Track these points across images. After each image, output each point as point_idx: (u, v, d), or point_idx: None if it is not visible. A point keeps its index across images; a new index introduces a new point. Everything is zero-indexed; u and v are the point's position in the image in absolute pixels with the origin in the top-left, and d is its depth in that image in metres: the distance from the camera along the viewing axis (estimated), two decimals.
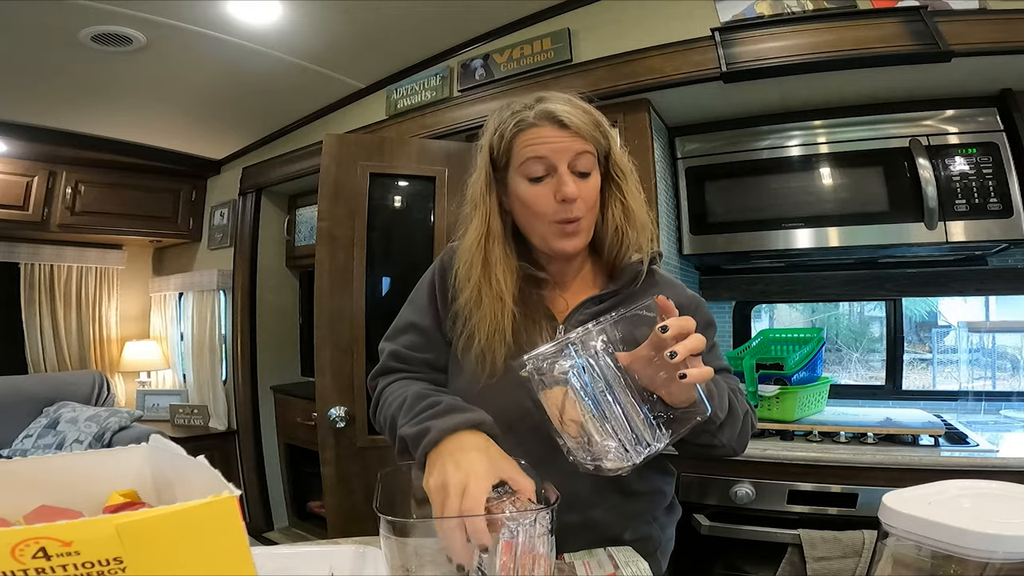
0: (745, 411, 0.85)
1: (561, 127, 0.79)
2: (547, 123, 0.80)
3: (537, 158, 0.80)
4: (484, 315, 0.82)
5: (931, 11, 1.53)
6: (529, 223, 0.84)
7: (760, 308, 2.35)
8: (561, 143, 0.79)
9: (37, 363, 3.33)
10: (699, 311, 0.92)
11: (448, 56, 2.23)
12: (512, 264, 0.85)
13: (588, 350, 0.66)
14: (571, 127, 0.79)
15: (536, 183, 0.81)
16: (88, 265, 3.54)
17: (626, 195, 0.87)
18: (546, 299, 0.89)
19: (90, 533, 0.30)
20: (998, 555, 0.47)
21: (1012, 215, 1.58)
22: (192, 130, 3.01)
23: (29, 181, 3.04)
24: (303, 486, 3.01)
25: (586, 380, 0.65)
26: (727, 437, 0.81)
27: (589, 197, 0.82)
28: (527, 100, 0.83)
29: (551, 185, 0.80)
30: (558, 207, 0.80)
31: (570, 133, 0.80)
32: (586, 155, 0.81)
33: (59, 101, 2.55)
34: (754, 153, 1.85)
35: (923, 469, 1.34)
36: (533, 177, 0.81)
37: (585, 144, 0.80)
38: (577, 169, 0.81)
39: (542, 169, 0.80)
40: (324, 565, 0.65)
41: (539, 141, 0.80)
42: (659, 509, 0.92)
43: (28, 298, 3.34)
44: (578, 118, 0.80)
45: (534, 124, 0.80)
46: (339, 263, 1.87)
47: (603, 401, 0.65)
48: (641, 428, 0.65)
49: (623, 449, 0.64)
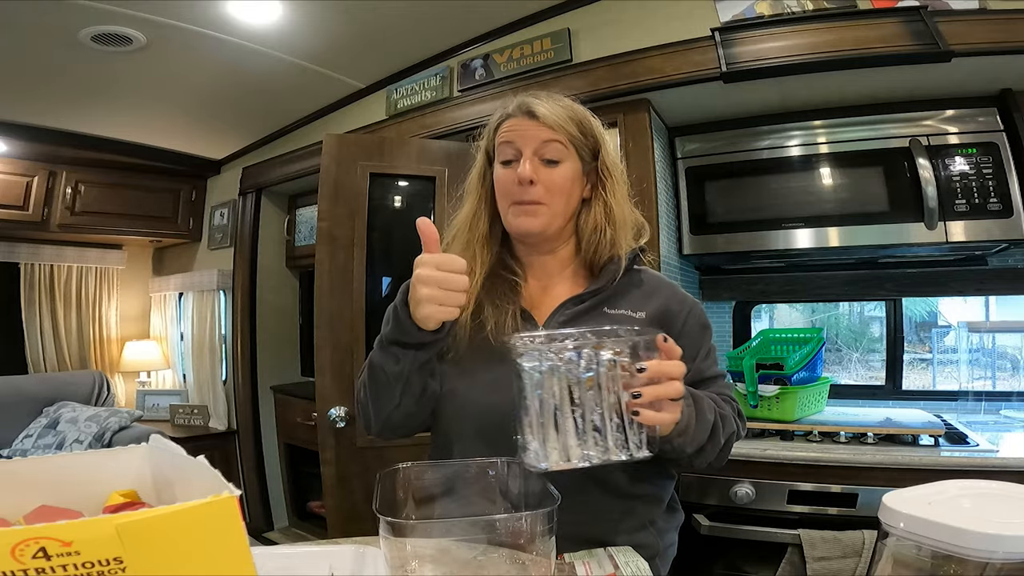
0: (731, 432, 0.84)
1: (531, 117, 0.87)
2: (520, 114, 0.88)
3: (507, 143, 0.88)
4: None
5: (931, 11, 1.53)
6: (500, 204, 0.91)
7: (760, 308, 2.35)
8: (528, 131, 0.87)
9: (37, 363, 3.33)
10: (692, 314, 0.91)
11: (448, 56, 2.23)
12: (491, 246, 0.93)
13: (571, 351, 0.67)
14: (539, 117, 0.86)
15: (506, 166, 0.89)
16: (88, 265, 3.54)
17: (609, 194, 0.90)
18: (529, 297, 0.92)
19: (90, 533, 0.30)
20: (998, 555, 0.47)
21: (1012, 215, 1.58)
22: (192, 130, 3.01)
23: (29, 181, 3.04)
24: (303, 486, 3.01)
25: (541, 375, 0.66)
26: (700, 462, 0.82)
27: (552, 183, 0.87)
28: (519, 98, 0.90)
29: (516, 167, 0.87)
30: (518, 189, 0.86)
31: (538, 123, 0.86)
32: (553, 144, 0.86)
33: (59, 101, 2.55)
34: (754, 153, 1.85)
35: (923, 469, 1.34)
36: (504, 160, 0.89)
37: (552, 133, 0.86)
38: (544, 156, 0.87)
39: (511, 153, 0.88)
40: (324, 565, 0.65)
41: (511, 129, 0.88)
42: (656, 514, 0.90)
43: (28, 298, 3.34)
44: (549, 110, 0.86)
45: (511, 115, 0.89)
46: (339, 263, 1.87)
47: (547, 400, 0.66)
48: (575, 440, 0.67)
49: (542, 452, 0.66)
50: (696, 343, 0.90)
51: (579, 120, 0.89)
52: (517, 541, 0.60)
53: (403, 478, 0.74)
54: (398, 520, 0.59)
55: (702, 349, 0.91)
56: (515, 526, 0.60)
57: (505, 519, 0.62)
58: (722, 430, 0.81)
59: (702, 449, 0.79)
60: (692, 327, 0.91)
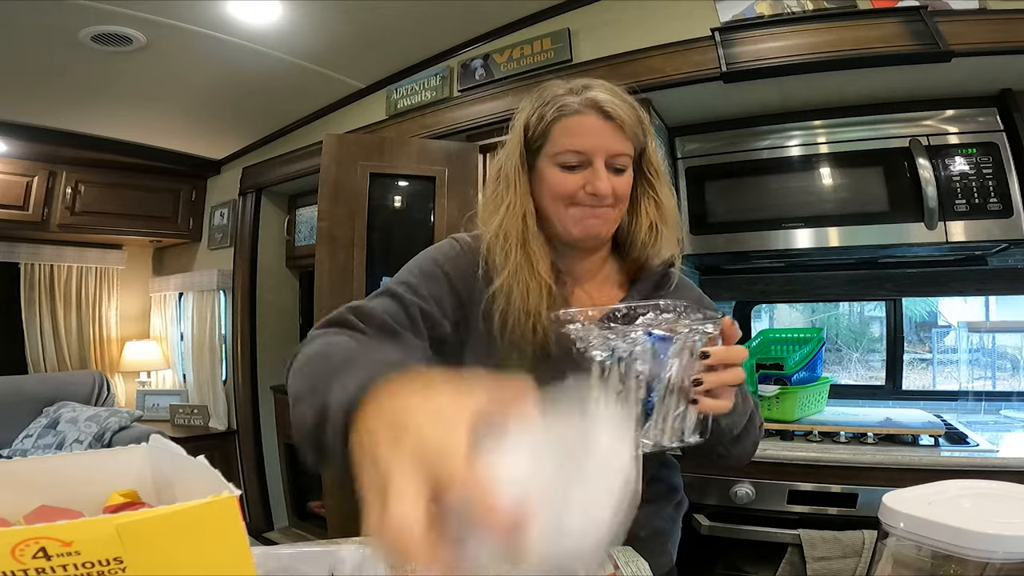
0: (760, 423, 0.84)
1: (606, 118, 0.76)
2: (592, 112, 0.76)
3: (575, 151, 0.77)
4: (522, 292, 0.78)
5: (931, 11, 1.53)
6: (553, 207, 0.81)
7: (760, 308, 2.35)
8: (602, 139, 0.77)
9: (37, 363, 3.33)
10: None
11: (448, 56, 2.23)
12: (545, 245, 0.82)
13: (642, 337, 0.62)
14: (615, 119, 0.76)
15: (568, 170, 0.78)
16: (88, 265, 3.54)
17: (659, 193, 0.84)
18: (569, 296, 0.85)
19: (90, 533, 0.30)
20: (998, 555, 0.47)
21: (1012, 215, 1.58)
22: (192, 130, 3.01)
23: (29, 181, 3.04)
24: (303, 486, 3.01)
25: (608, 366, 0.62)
26: (738, 451, 0.81)
27: (620, 191, 0.79)
28: (572, 84, 0.80)
29: (584, 176, 0.77)
30: (586, 197, 0.78)
31: (613, 126, 0.76)
32: (624, 156, 0.78)
33: (59, 101, 2.55)
34: (754, 153, 1.85)
35: (923, 469, 1.34)
36: (567, 165, 0.78)
37: (625, 143, 0.78)
38: (615, 165, 0.78)
39: (576, 159, 0.78)
40: (324, 565, 0.65)
41: (581, 131, 0.77)
42: (671, 504, 0.92)
43: (28, 298, 3.34)
44: (624, 111, 0.77)
45: (578, 111, 0.77)
46: (339, 263, 1.87)
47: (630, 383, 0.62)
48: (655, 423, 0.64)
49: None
50: None
51: (642, 120, 0.81)
52: None
53: None
54: None
55: None
56: None
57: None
58: (757, 418, 0.82)
59: (739, 437, 0.78)
60: None
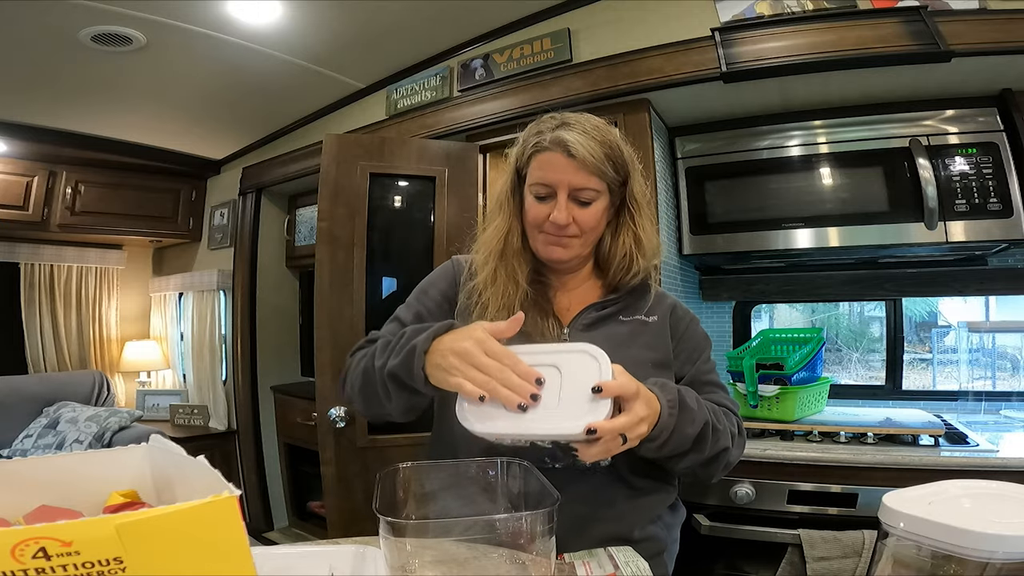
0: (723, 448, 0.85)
1: (568, 155, 0.85)
2: (558, 149, 0.86)
3: (540, 183, 0.88)
4: (497, 292, 0.89)
5: (931, 11, 1.53)
6: (529, 231, 0.93)
7: (760, 308, 2.34)
8: (564, 175, 0.86)
9: (37, 363, 3.32)
10: (694, 321, 1.00)
11: (448, 56, 2.23)
12: (527, 258, 0.94)
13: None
14: (578, 157, 0.84)
15: (539, 201, 0.89)
16: (88, 265, 3.54)
17: (638, 226, 0.93)
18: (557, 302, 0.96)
19: (90, 533, 0.30)
20: (998, 555, 0.47)
21: (1012, 215, 1.58)
22: (192, 130, 3.01)
23: (29, 181, 3.04)
24: (303, 486, 3.01)
25: None
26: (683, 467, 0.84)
27: (584, 222, 0.88)
28: (554, 122, 0.89)
29: (550, 206, 0.88)
30: (550, 226, 0.88)
31: (576, 164, 0.85)
32: (588, 190, 0.87)
33: (59, 101, 2.55)
34: (754, 153, 1.85)
35: (923, 469, 1.34)
36: (537, 196, 0.89)
37: (589, 178, 0.86)
38: (579, 198, 0.87)
39: (544, 191, 0.88)
40: (324, 565, 0.65)
41: (547, 167, 0.87)
42: (664, 508, 0.93)
43: (28, 298, 3.33)
44: (587, 150, 0.84)
45: (547, 148, 0.87)
46: (339, 263, 1.86)
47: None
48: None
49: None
50: (699, 346, 0.97)
51: (614, 158, 0.88)
52: (517, 541, 0.60)
53: (403, 478, 0.74)
54: (398, 520, 0.59)
55: (704, 353, 0.98)
56: (515, 526, 0.60)
57: (505, 519, 0.62)
58: (709, 442, 0.82)
59: (683, 455, 0.81)
60: (695, 331, 0.98)
